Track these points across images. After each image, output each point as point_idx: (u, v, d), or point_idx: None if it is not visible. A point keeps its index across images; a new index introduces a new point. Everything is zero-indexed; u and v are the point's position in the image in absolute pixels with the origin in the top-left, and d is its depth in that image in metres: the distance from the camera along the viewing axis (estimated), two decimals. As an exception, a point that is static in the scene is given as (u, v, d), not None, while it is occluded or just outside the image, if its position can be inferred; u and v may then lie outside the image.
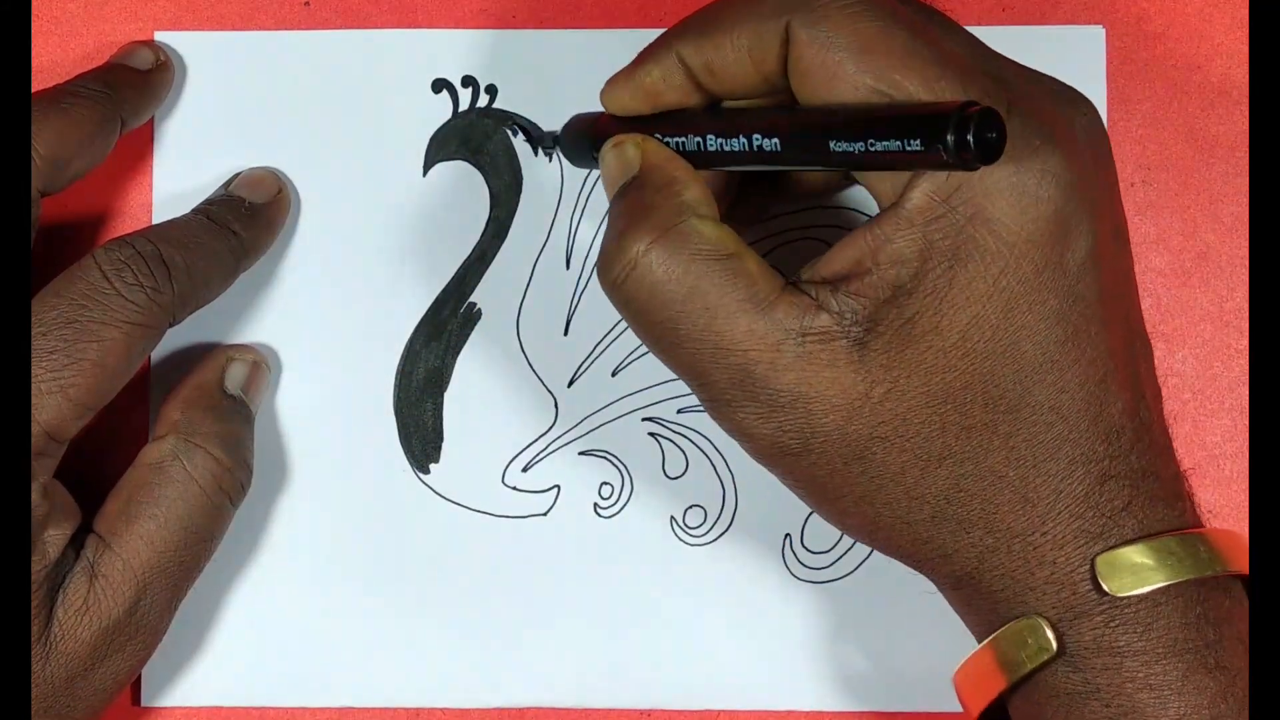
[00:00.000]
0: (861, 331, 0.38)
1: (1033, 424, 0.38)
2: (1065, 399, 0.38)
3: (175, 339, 0.48)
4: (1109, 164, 0.41)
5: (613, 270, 0.40)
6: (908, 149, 0.35)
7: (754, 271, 0.39)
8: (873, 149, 0.36)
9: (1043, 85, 0.41)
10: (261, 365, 0.48)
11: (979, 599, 0.40)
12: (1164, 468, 0.40)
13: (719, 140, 0.40)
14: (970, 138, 0.34)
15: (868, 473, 0.39)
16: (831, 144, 0.37)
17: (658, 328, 0.40)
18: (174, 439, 0.45)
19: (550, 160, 0.49)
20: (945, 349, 0.38)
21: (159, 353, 0.49)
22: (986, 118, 0.34)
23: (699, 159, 0.41)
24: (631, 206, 0.41)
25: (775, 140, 0.39)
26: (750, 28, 0.39)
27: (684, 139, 0.41)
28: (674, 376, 0.41)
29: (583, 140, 0.45)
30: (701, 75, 0.41)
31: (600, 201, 0.49)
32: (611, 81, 0.43)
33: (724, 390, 0.39)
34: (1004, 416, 0.38)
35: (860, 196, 0.49)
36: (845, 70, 0.38)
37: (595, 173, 0.49)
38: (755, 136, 0.39)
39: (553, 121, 0.49)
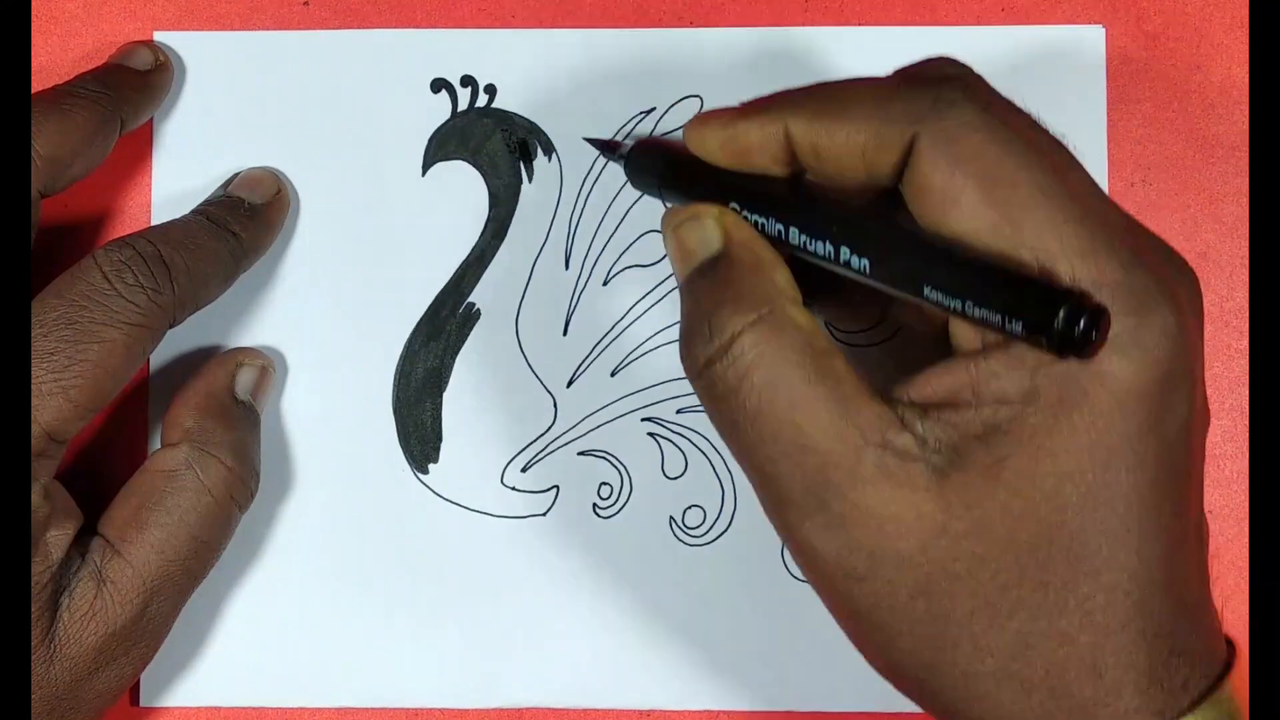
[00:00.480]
0: (943, 462, 0.36)
1: (1112, 589, 0.36)
2: (1145, 569, 0.36)
3: (175, 340, 0.48)
4: (1202, 333, 0.39)
5: (704, 351, 0.38)
6: (1007, 327, 0.34)
7: (842, 372, 0.37)
8: (969, 312, 0.34)
9: (1152, 240, 0.38)
10: (270, 370, 0.48)
11: None
12: (1218, 643, 0.39)
13: (802, 236, 0.38)
14: (1076, 333, 0.33)
15: (933, 611, 0.37)
16: (925, 290, 0.35)
17: (738, 415, 0.38)
18: (187, 447, 0.45)
19: (550, 160, 0.49)
20: (1035, 498, 0.36)
21: (159, 354, 0.49)
22: (1096, 316, 0.33)
23: (776, 241, 0.39)
24: (720, 285, 0.38)
25: (865, 262, 0.37)
26: (872, 127, 0.37)
27: (765, 220, 0.39)
28: (673, 376, 0.41)
29: (650, 170, 0.43)
30: (804, 154, 0.39)
31: (600, 202, 0.49)
32: (703, 120, 0.41)
33: (795, 494, 0.37)
34: (1085, 578, 0.36)
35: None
36: (968, 199, 0.36)
37: (595, 173, 0.49)
38: (844, 249, 0.37)
39: (552, 122, 0.49)
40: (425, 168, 0.50)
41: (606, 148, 0.48)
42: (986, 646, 0.37)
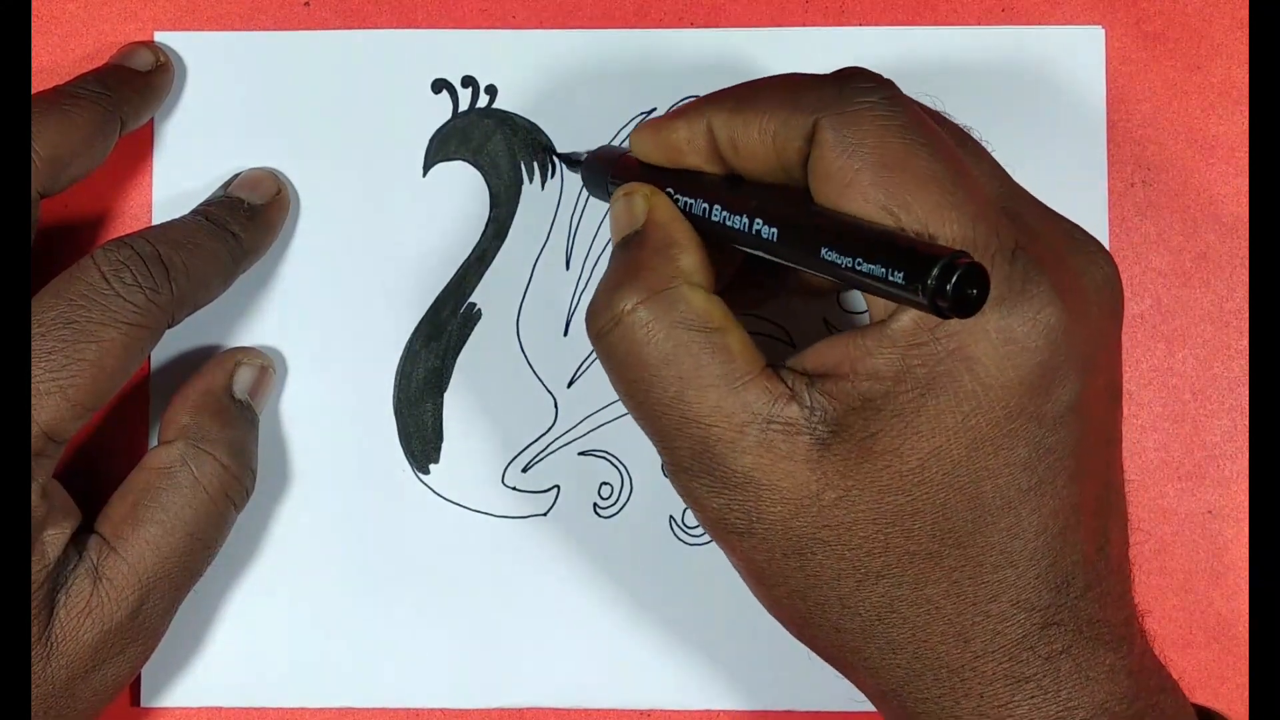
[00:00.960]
0: (826, 432, 0.38)
1: (979, 563, 0.38)
2: (1018, 545, 0.38)
3: (175, 339, 0.48)
4: (1114, 318, 0.40)
5: (598, 321, 0.40)
6: (890, 279, 0.35)
7: (734, 349, 0.39)
8: (858, 268, 0.36)
9: (1059, 229, 0.40)
10: (269, 370, 0.48)
11: (902, 716, 0.40)
12: (1115, 613, 0.39)
13: (723, 213, 0.40)
14: (949, 288, 0.34)
15: (804, 569, 0.39)
16: (822, 250, 0.37)
17: (631, 385, 0.40)
18: (183, 444, 0.45)
19: (551, 174, 0.49)
20: (902, 472, 0.38)
21: (159, 353, 0.49)
22: (971, 273, 0.34)
23: (704, 226, 0.41)
24: (628, 261, 0.41)
25: (774, 230, 0.39)
26: (781, 115, 0.39)
27: (693, 201, 0.41)
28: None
29: (602, 175, 0.45)
30: (725, 148, 0.41)
31: (599, 203, 0.49)
32: (641, 127, 0.43)
33: (683, 458, 0.40)
34: (950, 550, 0.38)
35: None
36: (861, 181, 0.37)
37: (595, 173, 0.49)
38: (757, 221, 0.39)
39: (552, 122, 0.49)
40: (426, 168, 0.50)
41: (569, 161, 0.49)
42: (853, 606, 0.39)
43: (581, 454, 0.49)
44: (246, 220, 0.47)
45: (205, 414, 0.46)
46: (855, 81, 0.39)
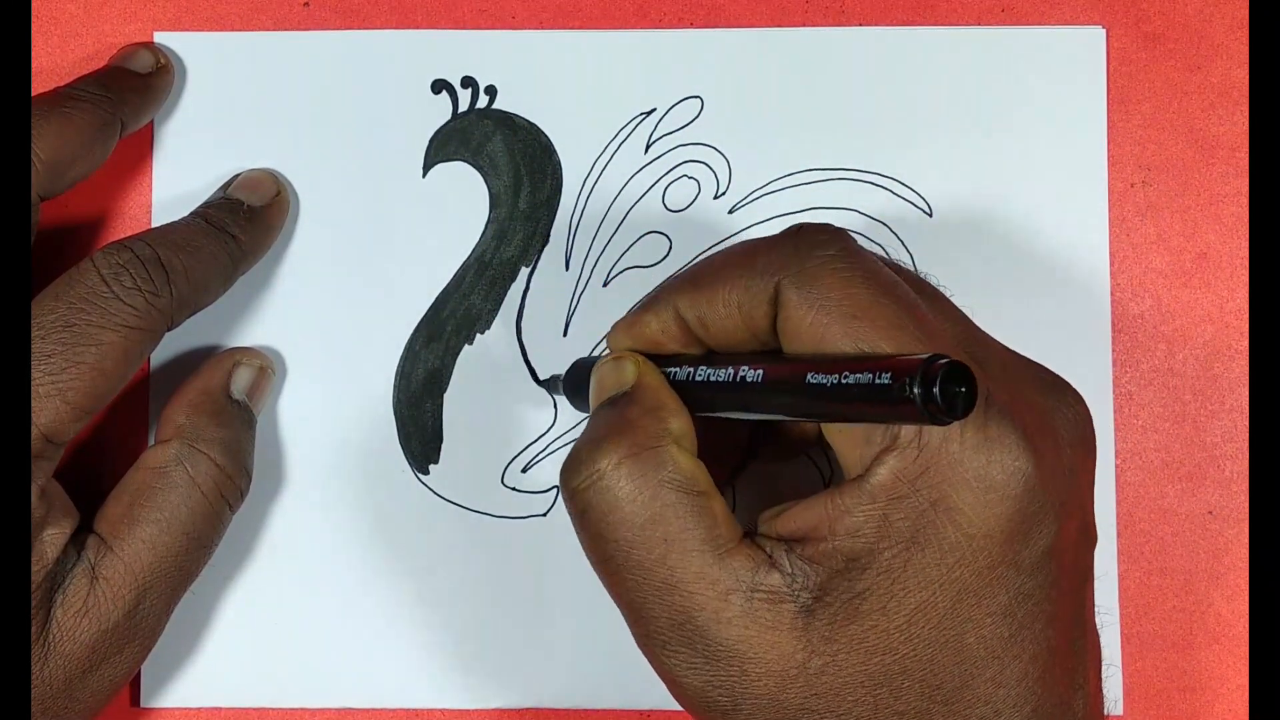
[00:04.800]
0: (810, 598, 0.37)
1: (966, 716, 0.37)
2: (1002, 694, 0.37)
3: (175, 340, 0.48)
4: (1087, 459, 0.40)
5: (577, 476, 0.39)
6: (878, 381, 0.34)
7: (718, 515, 0.38)
8: (845, 380, 0.35)
9: (1027, 374, 0.40)
10: (268, 370, 0.48)
11: None
12: None
13: (707, 370, 0.40)
14: (936, 390, 0.33)
15: None
16: (808, 377, 0.36)
17: (609, 546, 0.39)
18: (178, 444, 0.45)
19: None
20: (889, 630, 0.37)
21: (158, 355, 0.49)
22: (955, 371, 0.33)
23: (689, 395, 0.41)
24: (614, 419, 0.40)
25: (759, 372, 0.38)
26: (741, 284, 0.39)
27: (676, 369, 0.41)
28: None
29: (585, 381, 0.44)
30: (696, 328, 0.41)
31: (600, 204, 0.49)
32: (615, 327, 0.43)
33: (661, 630, 0.38)
34: (939, 707, 0.37)
35: (863, 196, 0.49)
36: (831, 333, 0.37)
37: (595, 175, 0.49)
38: (743, 368, 0.38)
39: (552, 122, 0.49)
40: (426, 169, 0.50)
41: (550, 386, 0.49)
42: None
43: (581, 454, 0.49)
44: (246, 222, 0.47)
45: (201, 414, 0.46)
46: (808, 237, 0.39)
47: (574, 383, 0.46)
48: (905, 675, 0.37)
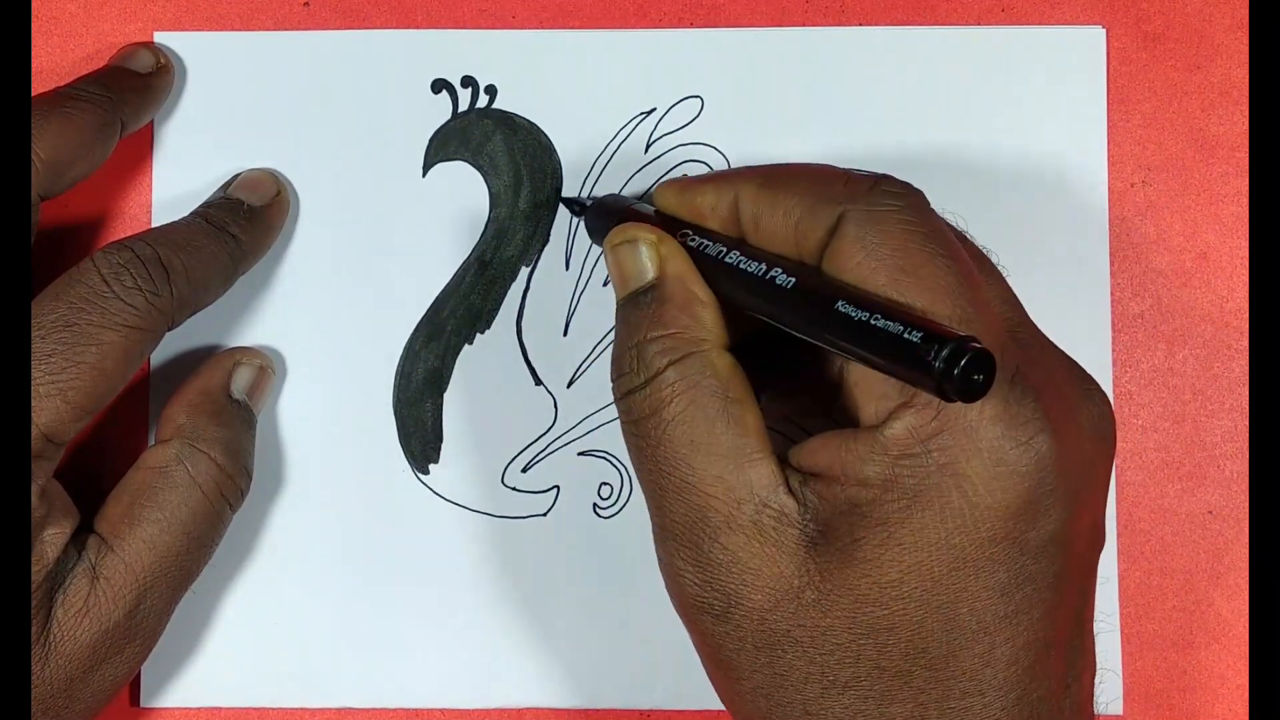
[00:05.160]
0: (815, 531, 0.38)
1: (948, 688, 0.37)
2: (989, 673, 0.37)
3: (175, 340, 0.48)
4: (1106, 459, 0.40)
5: (629, 381, 0.40)
6: (906, 337, 0.35)
7: (749, 424, 0.39)
8: (874, 322, 0.36)
9: (1061, 364, 0.40)
10: (268, 370, 0.48)
11: None
12: None
13: (739, 257, 0.40)
14: (957, 369, 0.34)
15: (773, 666, 0.38)
16: (839, 304, 0.37)
17: (641, 440, 0.40)
18: (178, 443, 0.45)
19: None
20: (881, 583, 0.37)
21: (159, 355, 0.49)
22: (980, 358, 0.34)
23: (712, 275, 0.41)
24: (654, 317, 0.40)
25: (791, 279, 0.38)
26: (808, 201, 0.39)
27: (708, 243, 0.41)
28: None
29: (607, 221, 0.45)
30: (747, 223, 0.41)
31: (599, 203, 0.49)
32: (668, 183, 0.43)
33: (674, 524, 0.39)
34: (921, 671, 0.37)
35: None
36: (875, 280, 0.37)
37: (595, 174, 0.49)
38: (775, 270, 0.39)
39: (552, 122, 0.49)
40: (426, 168, 0.50)
41: (575, 205, 0.49)
42: (816, 712, 0.38)
43: (581, 454, 0.49)
44: (246, 221, 0.47)
45: (202, 414, 0.46)
46: (886, 184, 0.39)
47: (596, 222, 0.47)
48: (891, 631, 0.37)
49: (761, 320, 0.40)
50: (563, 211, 0.49)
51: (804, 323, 0.38)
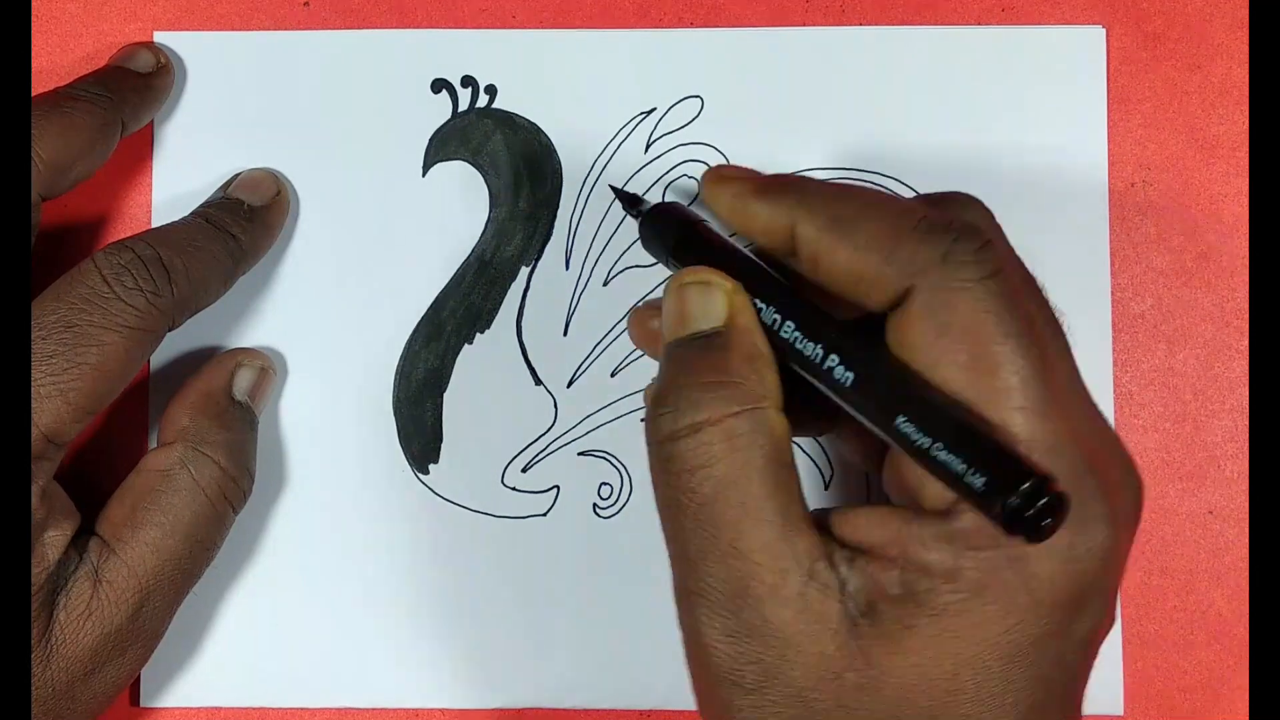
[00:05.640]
0: (857, 610, 0.36)
1: None
2: None
3: (175, 341, 0.48)
4: (1131, 543, 0.38)
5: (673, 423, 0.37)
6: (967, 479, 0.33)
7: (795, 491, 0.37)
8: (935, 453, 0.34)
9: (1109, 441, 0.38)
10: (269, 371, 0.48)
11: None
12: None
13: (797, 333, 0.38)
14: (1030, 513, 0.32)
15: None
16: (899, 419, 0.35)
17: (685, 496, 0.37)
18: (182, 446, 0.45)
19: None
20: (933, 674, 0.35)
21: (159, 356, 0.49)
22: (1056, 501, 0.32)
23: (767, 333, 0.39)
24: (712, 365, 0.38)
25: (850, 375, 0.36)
26: (876, 263, 0.37)
27: (764, 308, 0.39)
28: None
29: (666, 235, 0.43)
30: (805, 258, 0.38)
31: (600, 203, 0.49)
32: (723, 178, 0.41)
33: (712, 589, 0.37)
34: None
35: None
36: (947, 365, 0.35)
37: (595, 174, 0.49)
38: (832, 358, 0.37)
39: (552, 122, 0.49)
40: (426, 168, 0.50)
41: (628, 201, 0.47)
42: None
43: (581, 454, 0.49)
44: (246, 221, 0.47)
45: (204, 416, 0.46)
46: (960, 249, 0.36)
47: (654, 232, 0.44)
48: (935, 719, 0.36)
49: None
50: (563, 211, 0.49)
51: (859, 414, 0.36)
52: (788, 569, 0.36)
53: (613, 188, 0.49)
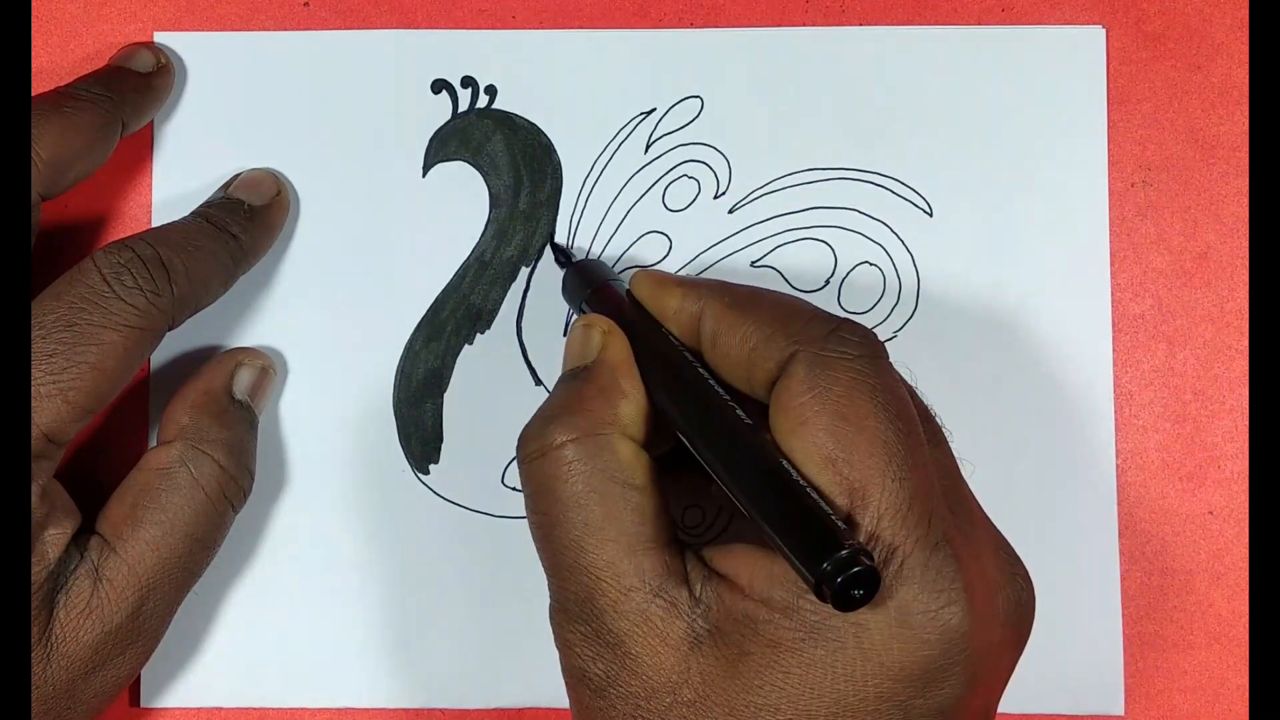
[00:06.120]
0: (704, 630, 0.38)
1: None
2: None
3: (175, 340, 0.48)
4: (1016, 647, 0.40)
5: (527, 447, 0.41)
6: (786, 545, 0.36)
7: (647, 511, 0.39)
8: (761, 520, 0.36)
9: (990, 540, 0.40)
10: (270, 371, 0.48)
11: None
12: None
13: (669, 400, 0.41)
14: (838, 583, 0.34)
15: None
16: (734, 482, 0.38)
17: (541, 516, 0.40)
18: (181, 445, 0.45)
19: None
20: (758, 704, 0.37)
21: (159, 355, 0.49)
22: (864, 576, 0.34)
23: (655, 374, 0.41)
24: (569, 395, 0.41)
25: (710, 454, 0.39)
26: (765, 333, 0.40)
27: (652, 361, 0.42)
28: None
29: (582, 287, 0.46)
30: (705, 338, 0.41)
31: (600, 203, 0.49)
32: (645, 274, 0.44)
33: (568, 600, 0.40)
34: None
35: (863, 197, 0.49)
36: (815, 423, 0.37)
37: (595, 175, 0.49)
38: (685, 414, 0.40)
39: (552, 122, 0.49)
40: (426, 168, 0.50)
41: (559, 253, 0.49)
42: None
43: (581, 454, 0.49)
44: (246, 221, 0.47)
45: (204, 415, 0.46)
46: (847, 330, 0.39)
47: (568, 285, 0.48)
48: None
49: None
50: (563, 211, 0.49)
51: (709, 468, 0.39)
52: (631, 586, 0.38)
53: (551, 243, 0.49)
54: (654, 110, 0.50)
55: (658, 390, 0.41)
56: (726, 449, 0.39)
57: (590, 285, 0.46)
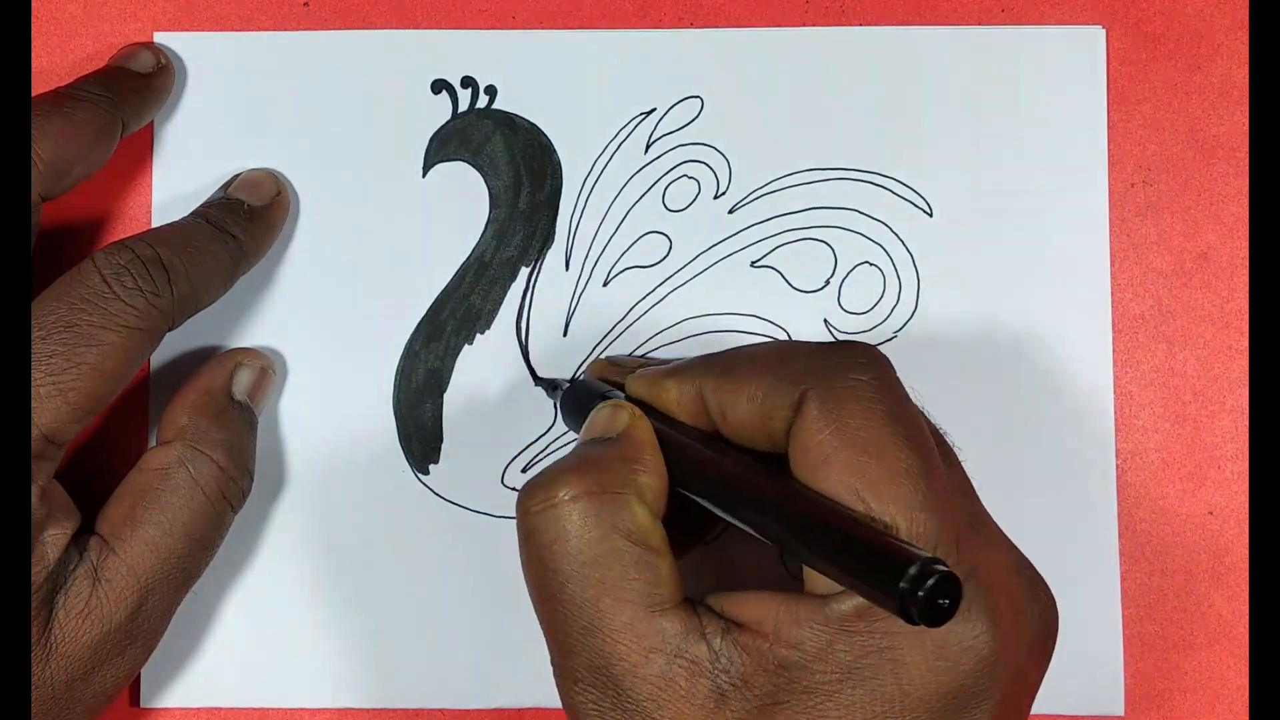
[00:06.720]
0: (728, 684, 0.37)
1: None
2: None
3: (175, 340, 0.48)
4: (1041, 665, 0.40)
5: (533, 499, 0.39)
6: (860, 580, 0.34)
7: (662, 573, 0.38)
8: (824, 565, 0.35)
9: (1012, 559, 0.40)
10: (269, 371, 0.48)
11: None
12: None
13: (700, 479, 0.40)
14: (921, 593, 0.32)
15: None
16: (787, 540, 0.36)
17: (547, 574, 0.39)
18: (181, 445, 0.45)
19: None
20: None
21: (159, 355, 0.49)
22: (946, 581, 0.33)
23: (677, 464, 0.40)
24: (587, 456, 0.40)
25: (756, 515, 0.38)
26: (769, 383, 0.39)
27: (674, 446, 0.41)
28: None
29: (583, 402, 0.45)
30: (715, 414, 0.40)
31: (600, 203, 0.49)
32: (638, 378, 0.43)
33: (578, 667, 0.38)
34: None
35: (863, 196, 0.49)
36: (837, 460, 0.37)
37: (596, 175, 0.49)
38: (746, 504, 0.38)
39: (552, 122, 0.49)
40: (426, 169, 0.50)
41: (549, 385, 0.49)
42: None
43: (581, 454, 0.49)
44: (246, 222, 0.47)
45: (204, 415, 0.46)
46: (849, 356, 0.39)
47: (569, 404, 0.46)
48: None
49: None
50: (563, 211, 0.49)
51: (765, 529, 0.38)
52: (652, 648, 0.37)
53: (536, 377, 0.49)
54: (654, 110, 0.50)
55: (688, 474, 0.40)
56: (776, 506, 0.37)
57: (594, 399, 0.44)
